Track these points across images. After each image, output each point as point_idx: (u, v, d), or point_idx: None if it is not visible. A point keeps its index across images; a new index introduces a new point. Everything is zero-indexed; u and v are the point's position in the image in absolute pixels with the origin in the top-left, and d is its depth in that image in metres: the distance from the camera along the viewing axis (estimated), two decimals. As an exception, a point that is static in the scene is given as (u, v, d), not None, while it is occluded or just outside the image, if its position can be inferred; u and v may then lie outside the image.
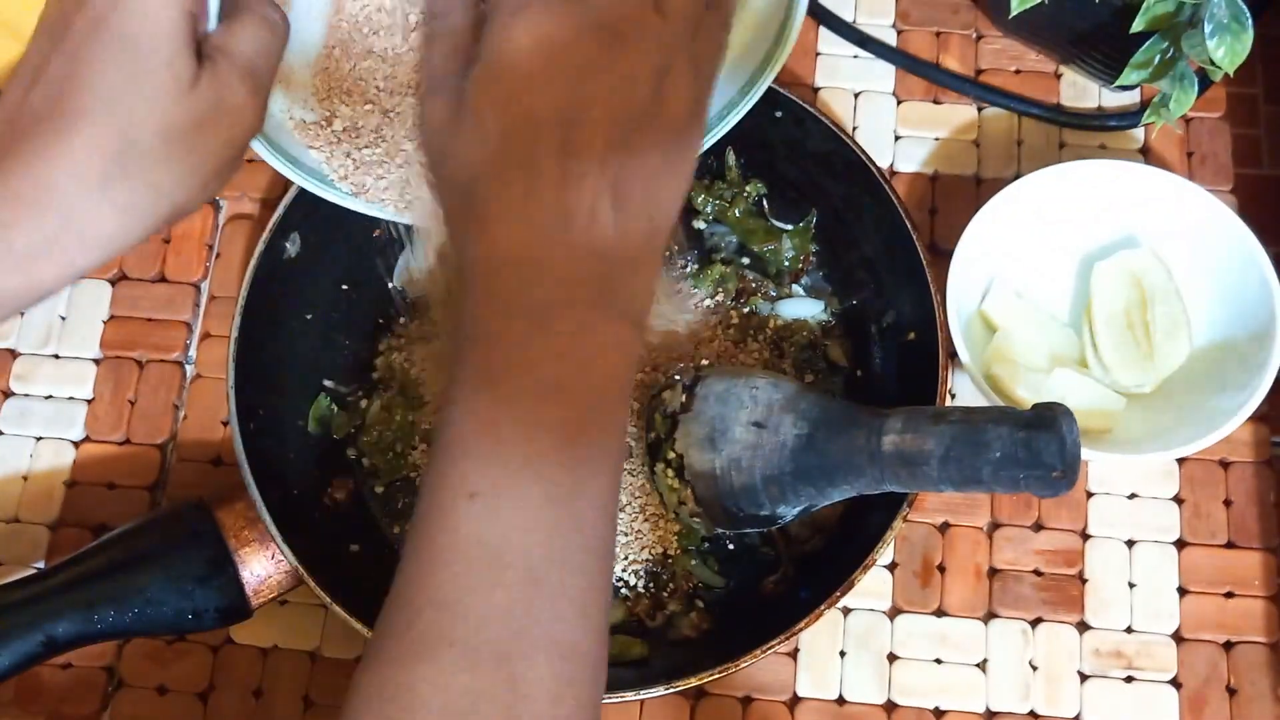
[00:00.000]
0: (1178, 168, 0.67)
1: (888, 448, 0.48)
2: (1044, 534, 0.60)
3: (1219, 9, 0.53)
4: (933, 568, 0.60)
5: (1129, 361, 0.59)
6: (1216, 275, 0.60)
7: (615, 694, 0.51)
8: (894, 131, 0.69)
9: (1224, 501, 0.61)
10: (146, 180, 0.38)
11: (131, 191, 0.38)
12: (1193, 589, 0.59)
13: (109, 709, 0.58)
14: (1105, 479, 0.61)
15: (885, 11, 0.71)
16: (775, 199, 0.64)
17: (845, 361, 0.62)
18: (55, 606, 0.53)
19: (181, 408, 0.64)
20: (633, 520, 0.58)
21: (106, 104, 0.37)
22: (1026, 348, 0.60)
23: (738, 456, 0.51)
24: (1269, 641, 0.58)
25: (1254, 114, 0.68)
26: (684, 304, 0.62)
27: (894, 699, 0.58)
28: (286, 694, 0.58)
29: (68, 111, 0.37)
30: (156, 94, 0.37)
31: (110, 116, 0.37)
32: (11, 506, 0.62)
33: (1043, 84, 0.69)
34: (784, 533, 0.59)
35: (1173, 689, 0.58)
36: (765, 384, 0.52)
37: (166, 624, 0.54)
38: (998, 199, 0.59)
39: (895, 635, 0.59)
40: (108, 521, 0.61)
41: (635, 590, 0.58)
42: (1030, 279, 0.62)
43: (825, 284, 0.64)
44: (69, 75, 0.37)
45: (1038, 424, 0.46)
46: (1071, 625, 0.59)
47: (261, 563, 0.55)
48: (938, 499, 0.61)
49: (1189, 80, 0.57)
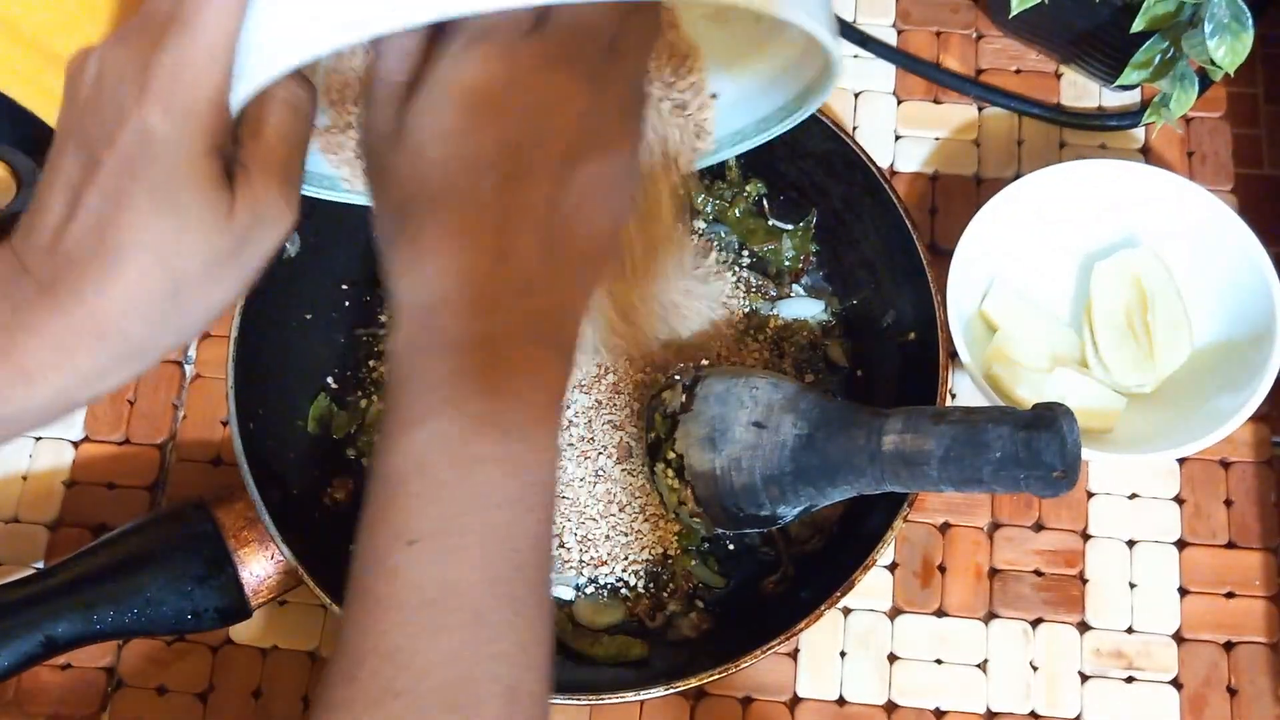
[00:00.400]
0: (1178, 167, 0.67)
1: (888, 448, 0.48)
2: (1044, 534, 0.60)
3: (1219, 9, 0.53)
4: (933, 568, 0.60)
5: (1129, 361, 0.59)
6: (1217, 275, 0.60)
7: (615, 694, 0.51)
8: (894, 131, 0.69)
9: (1224, 501, 0.61)
10: (198, 304, 0.39)
11: (184, 315, 0.39)
12: (1193, 589, 0.59)
13: (109, 709, 0.58)
14: (1106, 479, 0.61)
15: (885, 11, 0.71)
16: (775, 199, 0.64)
17: (845, 361, 0.62)
18: (55, 606, 0.53)
19: (181, 408, 0.64)
20: (633, 520, 0.58)
21: (152, 248, 0.37)
22: (1027, 348, 0.60)
23: (738, 456, 0.51)
24: (1269, 642, 0.58)
25: (1254, 114, 0.68)
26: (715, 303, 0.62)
27: (894, 699, 0.58)
28: (286, 694, 0.58)
29: (113, 250, 0.37)
30: (198, 233, 0.37)
31: (157, 258, 0.37)
32: (11, 506, 0.62)
33: (1043, 84, 0.69)
34: (784, 533, 0.58)
35: (1173, 689, 0.58)
36: (765, 384, 0.52)
37: (166, 624, 0.54)
38: (998, 199, 0.59)
39: (895, 635, 0.59)
40: (107, 521, 0.61)
41: (635, 590, 0.58)
42: (1031, 279, 0.62)
43: (825, 284, 0.64)
44: (109, 216, 0.37)
45: (1038, 424, 0.46)
46: (1072, 625, 0.59)
47: (261, 563, 0.55)
48: (938, 499, 0.61)
49: (1189, 80, 0.57)
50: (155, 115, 0.36)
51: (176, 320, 0.39)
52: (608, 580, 0.58)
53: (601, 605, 0.58)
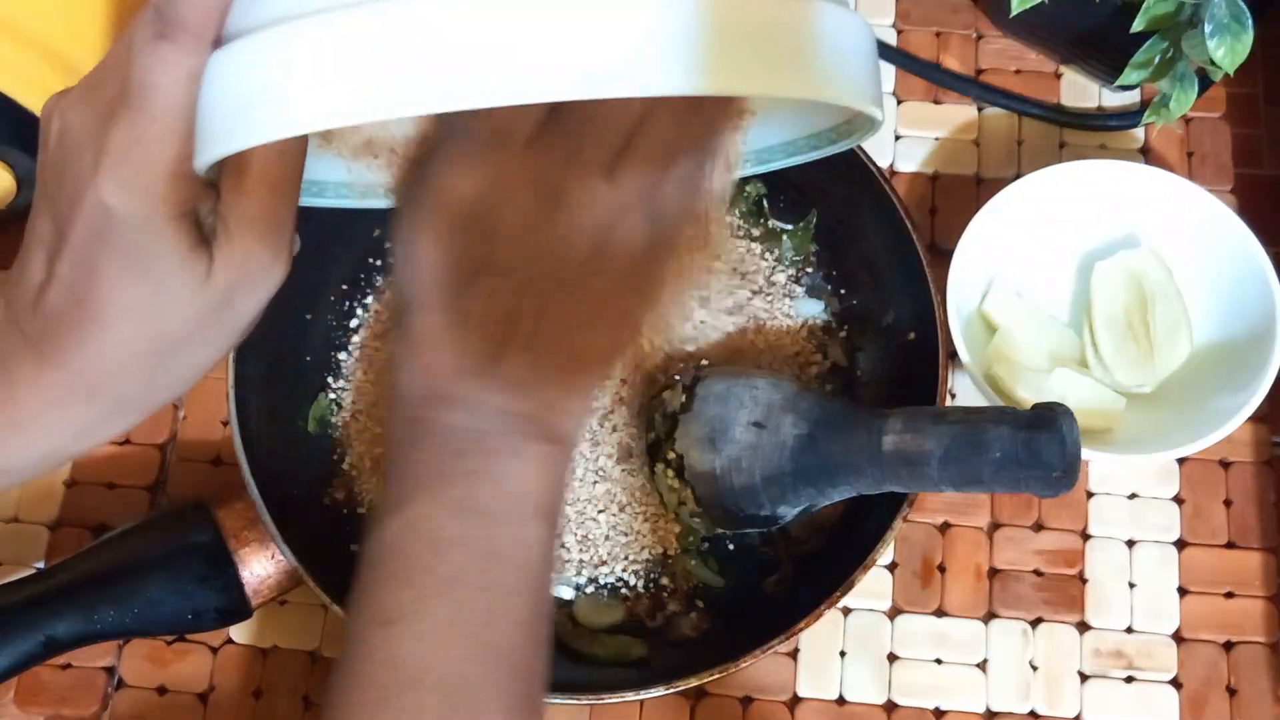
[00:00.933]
0: (1178, 168, 0.67)
1: (888, 448, 0.48)
2: (1044, 534, 0.60)
3: (1219, 9, 0.53)
4: (933, 568, 0.60)
5: (1129, 361, 0.59)
6: (1217, 275, 0.60)
7: (615, 694, 0.51)
8: (894, 131, 0.69)
9: (1224, 501, 0.61)
10: (186, 362, 0.38)
11: (174, 373, 0.38)
12: (1193, 589, 0.59)
13: (109, 709, 0.58)
14: (1105, 479, 0.61)
15: (885, 11, 0.71)
16: (775, 199, 0.64)
17: (845, 361, 0.62)
18: (55, 606, 0.53)
19: (181, 407, 0.64)
20: (633, 520, 0.58)
21: (129, 313, 0.36)
22: (1027, 348, 0.60)
23: (738, 457, 0.51)
24: (1269, 642, 0.58)
25: (1254, 114, 0.68)
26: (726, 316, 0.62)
27: (894, 699, 0.58)
28: (286, 694, 0.58)
29: (92, 315, 0.36)
30: (176, 297, 0.36)
31: (136, 322, 0.36)
32: (11, 506, 0.62)
33: (1043, 84, 0.69)
34: (784, 533, 0.58)
35: (1173, 689, 0.58)
36: (765, 384, 0.52)
37: (166, 624, 0.54)
38: (998, 199, 0.59)
39: (895, 635, 0.59)
40: (107, 521, 0.61)
41: (635, 590, 0.58)
42: (1030, 279, 0.62)
43: (825, 284, 0.64)
44: (82, 284, 0.36)
45: (1038, 424, 0.46)
46: (1072, 625, 0.59)
47: (261, 563, 0.55)
48: (938, 499, 0.61)
49: (1189, 80, 0.57)
50: (110, 191, 0.34)
51: (166, 378, 0.38)
52: (608, 580, 0.58)
53: (601, 605, 0.58)
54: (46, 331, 0.37)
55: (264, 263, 0.37)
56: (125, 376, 0.37)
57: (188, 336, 0.37)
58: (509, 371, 0.37)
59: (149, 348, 0.37)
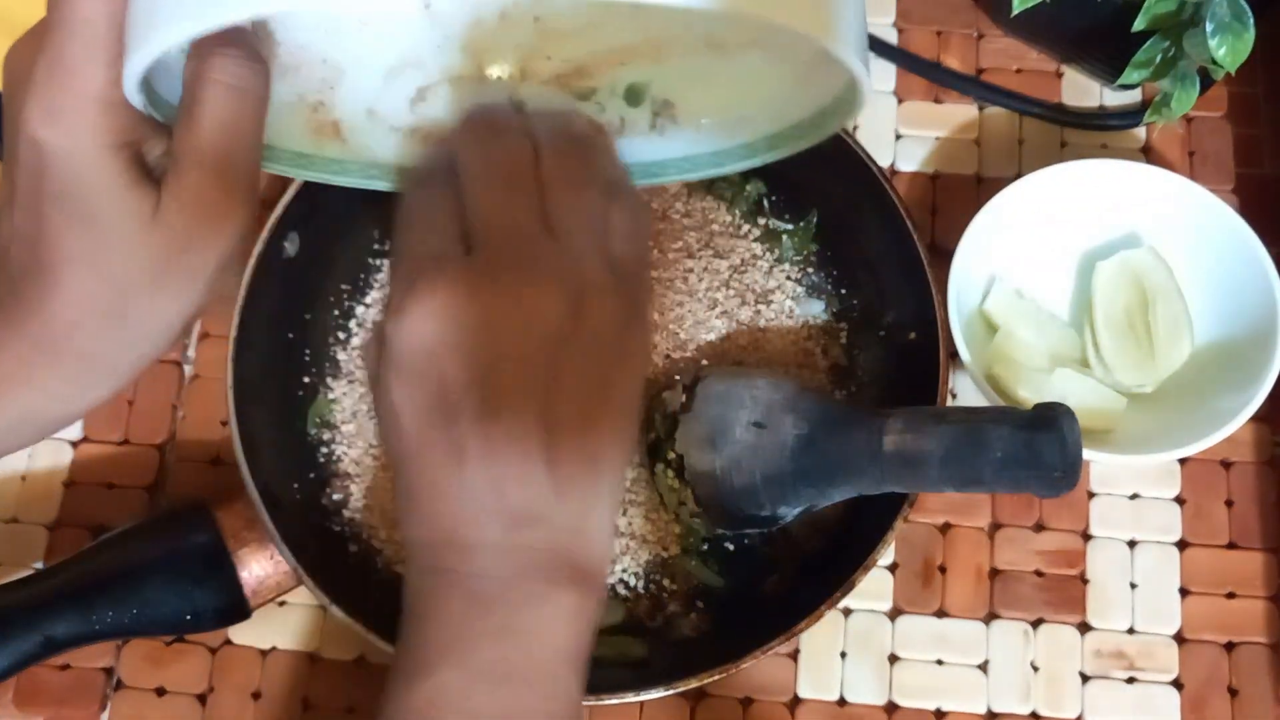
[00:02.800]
0: (1179, 167, 0.67)
1: (888, 448, 0.48)
2: (1045, 534, 0.60)
3: (1220, 8, 0.53)
4: (934, 568, 0.60)
5: (1130, 361, 0.59)
6: (1218, 275, 0.60)
7: (615, 695, 0.51)
8: (895, 131, 0.68)
9: (1226, 502, 0.61)
10: (149, 314, 0.37)
11: (137, 327, 0.37)
12: (1194, 590, 0.59)
13: (108, 709, 0.58)
14: (1106, 479, 0.61)
15: (886, 10, 0.71)
16: (775, 199, 0.64)
17: (845, 361, 0.62)
18: (54, 606, 0.53)
19: (180, 408, 0.64)
20: (632, 520, 0.58)
21: (80, 259, 0.35)
22: (1027, 347, 0.59)
23: (738, 457, 0.51)
24: (1270, 642, 0.58)
25: (1255, 113, 0.68)
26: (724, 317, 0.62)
27: (895, 700, 0.58)
28: (286, 695, 0.58)
29: (46, 266, 0.35)
30: (121, 237, 0.35)
31: (89, 267, 0.35)
32: (10, 506, 0.62)
33: (1044, 83, 0.69)
34: (784, 533, 0.58)
35: (1174, 690, 0.58)
36: (765, 384, 0.52)
37: (165, 624, 0.54)
38: (999, 198, 0.59)
39: (896, 636, 0.59)
40: (106, 522, 0.61)
41: (635, 590, 0.58)
42: (1031, 278, 0.62)
43: (825, 284, 0.64)
44: (34, 233, 0.35)
45: (1039, 424, 0.46)
46: (1073, 626, 0.59)
47: (260, 563, 0.55)
48: (938, 499, 0.61)
49: (1190, 79, 0.57)
50: (37, 123, 0.33)
51: (132, 334, 0.37)
52: (608, 580, 0.58)
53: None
54: (13, 291, 0.36)
55: (218, 203, 0.35)
56: (85, 332, 0.36)
57: (148, 284, 0.36)
58: (518, 504, 0.35)
59: (107, 297, 0.36)
